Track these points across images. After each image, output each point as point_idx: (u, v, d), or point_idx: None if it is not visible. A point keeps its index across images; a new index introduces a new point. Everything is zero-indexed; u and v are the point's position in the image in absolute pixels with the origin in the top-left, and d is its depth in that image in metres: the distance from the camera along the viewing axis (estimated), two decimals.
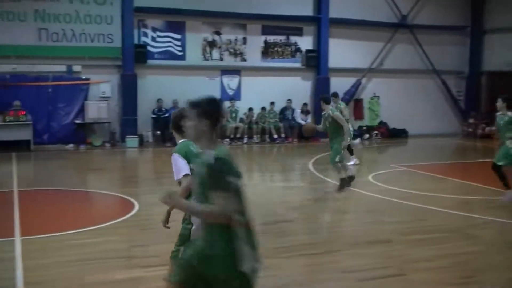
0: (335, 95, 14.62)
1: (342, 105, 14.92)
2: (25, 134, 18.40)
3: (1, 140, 18.13)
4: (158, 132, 20.42)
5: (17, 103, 18.66)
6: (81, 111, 19.95)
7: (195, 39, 21.45)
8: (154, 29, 20.95)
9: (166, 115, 20.03)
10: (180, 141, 5.00)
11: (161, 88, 20.36)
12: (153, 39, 20.95)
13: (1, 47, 18.81)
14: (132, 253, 7.08)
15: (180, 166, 4.82)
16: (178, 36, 21.21)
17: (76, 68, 20.63)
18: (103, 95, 20.18)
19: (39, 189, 11.87)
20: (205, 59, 21.73)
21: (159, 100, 20.39)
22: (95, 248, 7.29)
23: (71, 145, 19.34)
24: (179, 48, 21.23)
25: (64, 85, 19.99)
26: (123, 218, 8.92)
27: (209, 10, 20.94)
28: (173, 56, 21.15)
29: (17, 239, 7.61)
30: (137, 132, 20.08)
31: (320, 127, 11.58)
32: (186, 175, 4.79)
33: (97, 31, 19.94)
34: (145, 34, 20.84)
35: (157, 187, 12.16)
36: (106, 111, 19.71)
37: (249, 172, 14.55)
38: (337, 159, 11.02)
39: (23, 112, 18.41)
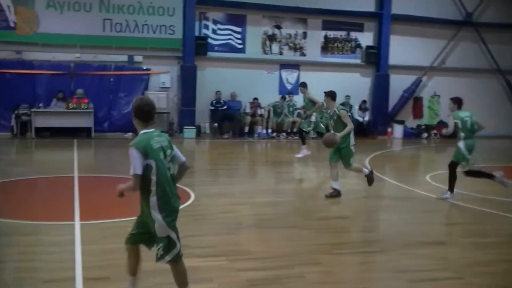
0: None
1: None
2: (87, 122, 18.90)
3: (64, 127, 18.71)
4: (216, 124, 20.60)
5: (80, 91, 19.18)
6: None
7: (255, 32, 21.54)
8: (215, 22, 21.13)
9: (224, 107, 20.22)
10: (142, 132, 4.71)
11: (220, 80, 20.55)
12: (214, 31, 21.14)
13: (66, 36, 19.34)
14: (187, 243, 7.14)
15: (133, 163, 4.52)
16: (239, 29, 21.33)
17: (138, 58, 21.08)
18: (163, 86, 20.53)
19: (98, 175, 12.15)
20: (265, 52, 21.78)
21: (217, 92, 20.58)
22: None
23: (130, 134, 19.69)
24: (239, 41, 21.35)
25: (126, 75, 20.40)
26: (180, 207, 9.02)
27: (270, 3, 21.00)
28: (232, 49, 21.29)
29: (77, 223, 7.82)
30: (195, 123, 20.32)
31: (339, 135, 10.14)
32: (135, 174, 4.51)
33: (159, 23, 20.26)
34: (206, 27, 21.05)
35: (213, 178, 12.30)
36: (165, 102, 20.02)
37: (304, 167, 14.52)
38: (351, 161, 10.33)
39: (86, 100, 18.90)
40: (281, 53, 22.04)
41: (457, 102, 10.60)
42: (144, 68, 20.86)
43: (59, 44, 19.43)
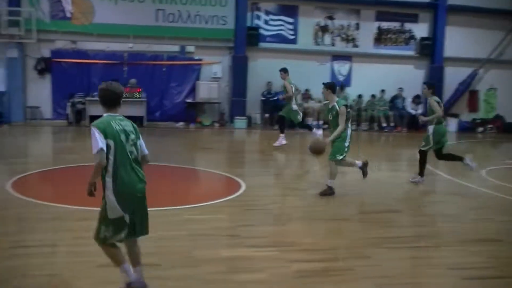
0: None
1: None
2: (139, 111, 19.17)
3: None
4: (267, 114, 20.60)
5: (133, 80, 19.47)
6: (193, 90, 20.51)
7: (307, 23, 21.43)
8: (267, 12, 21.10)
9: (275, 98, 20.18)
10: (105, 114, 4.78)
11: (271, 71, 20.39)
12: (266, 22, 21.12)
13: (120, 26, 19.63)
14: (239, 232, 7.20)
15: (94, 141, 4.57)
16: (291, 20, 21.25)
17: (190, 48, 21.23)
18: (214, 76, 20.62)
19: (150, 164, 12.28)
20: (317, 43, 21.66)
21: (269, 83, 20.56)
22: (203, 225, 7.48)
23: (181, 123, 19.95)
24: (291, 32, 21.28)
25: (178, 65, 20.59)
26: (230, 197, 9.08)
27: None
28: (284, 40, 21.23)
29: None
30: (246, 113, 20.37)
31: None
32: (98, 151, 4.55)
33: (211, 13, 20.35)
34: (258, 17, 21.05)
35: (263, 169, 12.31)
36: (216, 92, 20.13)
37: (355, 159, 14.36)
38: (337, 157, 9.42)
39: (139, 90, 19.16)
40: (333, 45, 21.86)
41: (432, 88, 10.92)
42: (196, 58, 21.01)
43: (113, 34, 19.75)
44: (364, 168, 9.91)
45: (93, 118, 18.61)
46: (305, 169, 13.33)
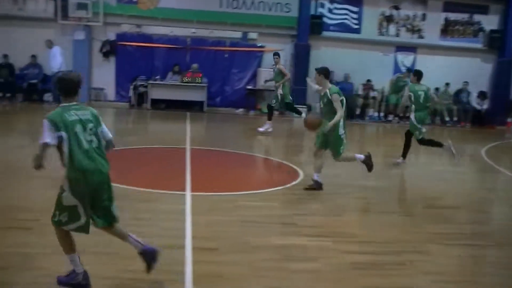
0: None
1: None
2: (200, 96, 19.35)
3: (178, 100, 19.30)
4: None
5: (194, 65, 19.65)
6: (254, 77, 20.54)
7: (372, 13, 21.09)
8: (332, 1, 20.89)
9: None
10: (61, 104, 4.74)
11: (333, 60, 20.23)
12: (330, 10, 20.90)
13: (184, 11, 19.82)
14: (294, 221, 7.18)
15: (43, 133, 4.55)
16: (355, 9, 20.97)
17: (252, 35, 21.21)
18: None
19: (209, 148, 12.43)
20: (381, 34, 21.29)
21: (331, 73, 20.29)
22: (259, 212, 7.50)
23: (241, 110, 20.02)
24: (355, 21, 20.99)
25: (240, 51, 20.65)
26: (287, 185, 9.06)
27: None
28: (348, 29, 20.97)
29: (188, 193, 8.04)
30: (306, 102, 20.26)
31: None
32: (42, 144, 4.55)
33: (275, 0, 20.26)
34: (322, 5, 20.85)
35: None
36: None
37: (415, 154, 14.10)
38: (340, 151, 8.80)
39: (200, 75, 19.32)
40: (397, 35, 21.44)
41: (417, 75, 11.38)
42: (258, 45, 21.02)
43: (177, 19, 19.95)
44: (367, 161, 9.17)
45: (155, 101, 18.99)
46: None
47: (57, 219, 4.73)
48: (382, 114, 20.54)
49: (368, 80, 20.69)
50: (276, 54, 15.65)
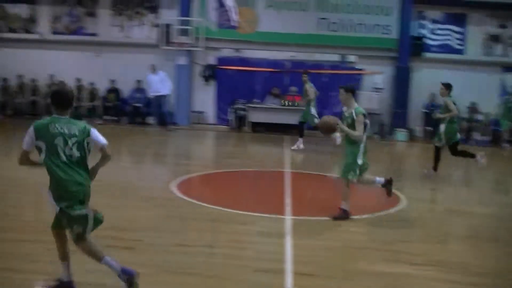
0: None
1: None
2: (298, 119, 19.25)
3: (277, 123, 19.34)
4: (429, 127, 19.79)
5: (293, 88, 19.67)
6: None
7: (477, 32, 20.33)
8: (433, 21, 20.35)
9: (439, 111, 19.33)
10: (52, 115, 4.85)
11: (435, 82, 19.52)
12: (431, 31, 20.37)
13: (282, 35, 19.97)
14: (398, 248, 6.89)
15: (25, 138, 4.74)
16: (459, 29, 20.32)
17: (351, 58, 21.01)
18: (376, 86, 20.22)
19: (308, 172, 12.29)
20: (486, 54, 20.44)
21: (432, 95, 19.73)
22: (360, 237, 7.29)
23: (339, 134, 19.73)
24: (459, 42, 20.35)
25: (338, 74, 20.49)
26: (388, 211, 8.76)
27: (493, 1, 19.62)
28: (451, 50, 20.37)
29: (287, 217, 7.93)
30: (407, 125, 19.77)
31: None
32: (22, 150, 4.77)
33: (374, 22, 20.07)
34: (423, 26, 20.39)
35: (424, 183, 11.77)
36: (377, 103, 19.73)
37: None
38: (350, 176, 7.97)
39: (299, 98, 19.30)
40: (505, 55, 20.53)
41: (449, 88, 11.78)
42: (357, 68, 20.77)
43: (276, 42, 20.10)
44: (387, 186, 8.48)
45: (255, 124, 19.17)
46: (470, 186, 12.59)
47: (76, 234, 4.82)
48: (489, 138, 19.65)
49: (473, 103, 19.88)
50: (305, 72, 15.89)
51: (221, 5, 20.24)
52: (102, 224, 4.94)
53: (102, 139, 4.92)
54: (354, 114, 8.01)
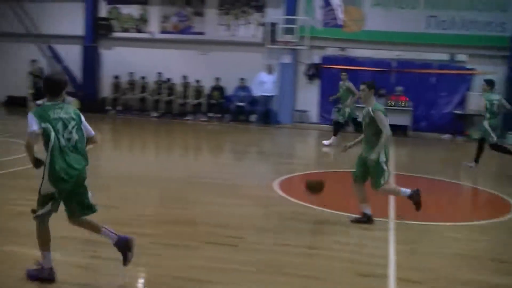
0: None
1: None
2: (404, 120, 18.86)
3: None
4: None
5: (399, 88, 19.26)
6: (462, 102, 19.53)
7: None
8: None
9: None
10: (45, 103, 4.99)
11: None
12: None
13: (389, 33, 19.54)
14: (509, 258, 6.54)
15: (29, 123, 4.80)
16: None
17: (460, 57, 20.25)
18: None
19: (413, 175, 11.94)
20: None
21: None
22: (467, 245, 6.99)
23: (447, 135, 19.11)
24: None
25: (447, 74, 19.80)
26: (500, 218, 8.33)
27: None
28: None
29: (391, 221, 7.75)
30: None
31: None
32: (30, 131, 4.78)
33: (487, 19, 19.15)
34: None
35: None
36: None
37: None
38: (381, 182, 7.49)
39: (404, 98, 18.86)
40: None
41: (490, 85, 12.11)
42: (468, 67, 19.96)
43: (382, 41, 19.69)
44: (415, 198, 7.77)
45: (360, 124, 18.92)
46: None
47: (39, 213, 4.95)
48: None
49: None
50: (344, 71, 16.18)
51: (327, 4, 20.12)
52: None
53: (90, 128, 5.20)
54: (371, 111, 7.67)
